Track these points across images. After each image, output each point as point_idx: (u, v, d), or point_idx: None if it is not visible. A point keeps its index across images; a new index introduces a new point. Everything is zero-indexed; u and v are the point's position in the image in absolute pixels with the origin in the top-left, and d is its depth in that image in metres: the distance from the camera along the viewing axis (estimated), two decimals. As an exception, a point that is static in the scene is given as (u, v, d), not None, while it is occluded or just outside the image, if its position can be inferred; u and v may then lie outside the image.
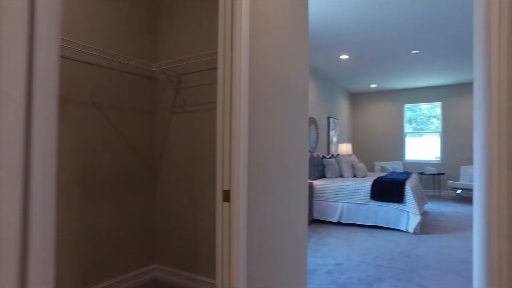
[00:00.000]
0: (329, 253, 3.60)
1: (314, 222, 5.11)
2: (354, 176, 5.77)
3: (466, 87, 7.61)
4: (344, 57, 5.53)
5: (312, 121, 6.13)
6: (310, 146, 6.02)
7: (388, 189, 4.60)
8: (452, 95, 7.72)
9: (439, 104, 7.90)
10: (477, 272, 1.49)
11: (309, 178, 5.36)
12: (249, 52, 1.64)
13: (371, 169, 8.43)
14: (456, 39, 4.64)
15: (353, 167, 5.85)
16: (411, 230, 4.33)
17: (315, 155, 6.16)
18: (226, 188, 1.51)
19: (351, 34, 4.44)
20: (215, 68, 2.49)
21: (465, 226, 4.76)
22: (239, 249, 1.51)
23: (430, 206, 6.40)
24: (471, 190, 6.71)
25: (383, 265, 3.22)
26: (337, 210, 4.92)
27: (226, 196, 1.51)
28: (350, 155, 7.14)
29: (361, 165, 5.84)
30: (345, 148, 7.10)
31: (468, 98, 7.59)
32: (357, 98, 8.80)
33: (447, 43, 4.81)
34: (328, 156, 6.07)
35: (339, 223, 4.99)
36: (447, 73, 6.65)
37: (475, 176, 1.53)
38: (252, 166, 1.64)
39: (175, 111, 2.71)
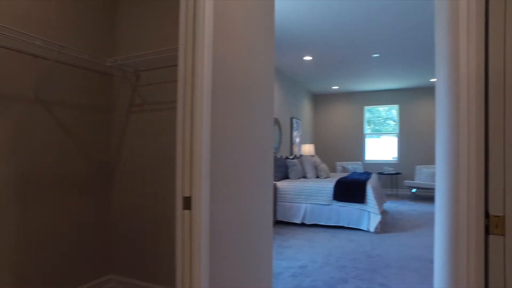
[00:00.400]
0: (293, 255, 3.57)
1: (278, 223, 5.08)
2: (317, 177, 5.82)
3: (421, 91, 8.00)
4: (307, 58, 5.56)
5: (276, 121, 6.11)
6: (274, 147, 6.00)
7: (350, 190, 4.67)
8: (409, 98, 8.09)
9: (396, 106, 8.24)
10: (440, 271, 1.49)
11: (274, 179, 5.32)
12: (213, 49, 1.53)
13: (333, 169, 8.61)
14: (414, 46, 4.83)
15: (316, 167, 5.91)
16: (372, 229, 4.43)
17: (278, 155, 6.15)
18: (187, 194, 1.38)
19: (315, 36, 4.46)
20: (177, 65, 2.34)
21: (421, 224, 4.97)
22: (201, 258, 1.39)
23: (389, 205, 6.64)
24: (425, 189, 7.05)
25: (347, 265, 3.24)
26: (300, 211, 4.92)
27: (187, 203, 1.38)
28: (312, 155, 7.22)
29: (323, 166, 5.91)
30: (307, 149, 7.17)
31: (423, 102, 7.98)
32: (319, 99, 8.95)
33: (405, 49, 5.00)
34: (291, 157, 6.08)
35: (302, 224, 5.00)
36: (404, 77, 6.94)
37: (439, 175, 1.53)
38: (215, 170, 1.53)
39: (133, 110, 2.52)
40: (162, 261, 2.37)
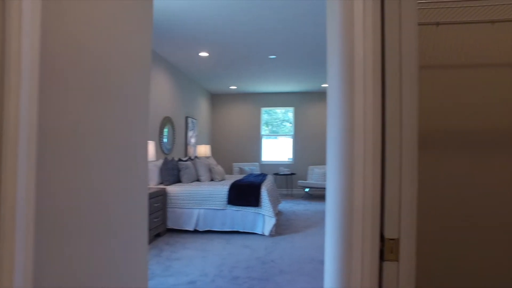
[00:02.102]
0: (182, 269, 3.20)
1: (168, 232, 4.62)
2: (212, 180, 5.55)
3: (314, 95, 8.47)
4: (204, 54, 5.24)
5: (168, 120, 5.62)
6: (166, 148, 5.50)
7: (245, 194, 4.52)
8: (303, 101, 8.50)
9: (292, 109, 8.57)
10: (332, 273, 1.35)
11: (163, 183, 4.84)
12: (44, 19, 1.07)
13: (230, 170, 8.49)
14: (309, 50, 4.95)
15: (210, 170, 5.63)
16: (267, 233, 4.36)
17: (170, 158, 5.67)
18: None
19: (211, 31, 4.17)
20: None
21: (313, 223, 5.15)
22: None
23: (284, 205, 6.79)
24: (317, 188, 7.48)
25: (240, 276, 3.03)
26: (193, 217, 4.57)
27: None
28: (208, 157, 6.94)
29: (218, 168, 5.67)
30: (203, 150, 6.85)
31: (316, 105, 8.47)
32: (217, 99, 8.73)
33: (301, 53, 5.10)
34: (184, 159, 5.67)
35: (195, 231, 4.65)
36: (299, 81, 7.21)
37: (331, 175, 1.39)
38: (48, 188, 1.08)
39: None
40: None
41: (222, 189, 4.62)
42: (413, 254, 0.89)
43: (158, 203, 4.26)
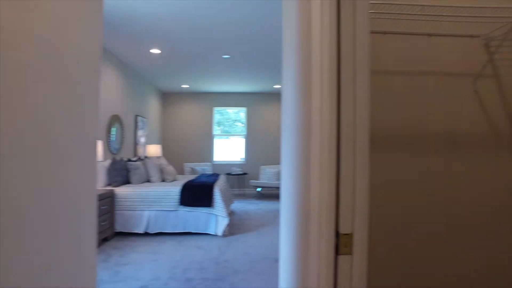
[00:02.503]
0: (132, 274, 3.07)
1: (116, 235, 4.41)
2: (163, 181, 5.40)
3: (267, 96, 8.59)
4: (155, 51, 5.07)
5: (116, 119, 5.36)
6: (114, 147, 5.23)
7: (197, 194, 4.47)
8: (256, 102, 8.58)
9: (244, 109, 8.61)
10: (289, 269, 1.39)
11: (111, 184, 4.60)
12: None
13: (181, 171, 8.31)
14: (262, 51, 5.02)
15: (161, 170, 5.47)
16: (220, 233, 4.35)
17: (118, 158, 5.41)
18: None
19: (164, 27, 4.05)
20: None
21: (265, 222, 5.23)
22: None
23: (236, 205, 6.82)
24: (269, 187, 7.61)
25: (194, 278, 2.99)
26: (143, 220, 4.40)
27: None
28: (159, 157, 6.73)
29: (170, 168, 5.54)
30: (154, 150, 6.63)
31: (269, 106, 8.59)
32: (168, 97, 8.49)
33: (254, 54, 5.16)
34: (134, 159, 5.45)
35: (146, 234, 4.49)
36: (253, 82, 7.27)
37: (287, 174, 1.44)
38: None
39: None
40: None
41: (174, 189, 4.52)
42: (365, 247, 0.96)
43: (106, 205, 4.05)
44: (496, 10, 1.60)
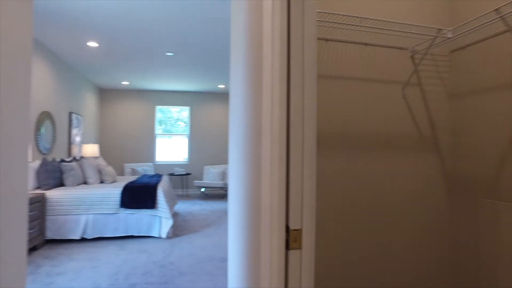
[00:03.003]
0: (67, 284, 2.86)
1: (48, 243, 4.06)
2: (102, 182, 5.09)
3: (211, 96, 8.53)
4: (92, 44, 4.75)
5: (47, 116, 4.92)
6: (44, 147, 4.80)
7: (140, 195, 4.30)
8: (199, 101, 8.47)
9: (187, 108, 8.46)
10: (240, 265, 1.42)
11: (41, 187, 4.22)
12: None
13: (121, 172, 7.90)
14: (207, 51, 4.98)
15: (100, 171, 5.16)
16: (164, 235, 4.23)
17: (50, 158, 4.98)
18: None
19: (104, 18, 3.82)
20: None
21: (210, 223, 5.21)
22: None
23: (180, 206, 6.68)
24: (213, 188, 7.57)
25: (137, 283, 2.88)
26: (80, 225, 4.12)
27: None
28: (96, 157, 6.33)
29: (109, 169, 5.24)
30: (91, 150, 6.22)
31: (213, 106, 8.54)
32: (107, 94, 8.01)
33: (199, 52, 5.09)
34: (68, 160, 5.06)
35: (82, 240, 4.20)
36: (197, 81, 7.17)
37: (236, 174, 1.47)
38: None
39: None
40: None
41: (114, 191, 4.29)
42: (313, 241, 1.03)
43: (35, 210, 3.70)
44: (420, 28, 1.81)
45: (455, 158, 1.88)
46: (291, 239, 1.00)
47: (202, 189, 8.10)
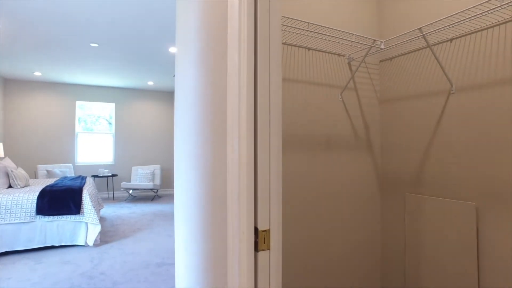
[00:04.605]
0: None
1: None
2: (10, 187, 4.45)
3: (140, 92, 8.02)
4: (-3, 28, 4.10)
5: None
6: None
7: (62, 200, 3.86)
8: (126, 98, 7.92)
9: (112, 105, 7.84)
10: (197, 271, 1.37)
11: None
12: None
13: (34, 174, 7.00)
14: (136, 46, 4.66)
15: (7, 174, 4.49)
16: (91, 243, 3.86)
17: None
18: None
19: (12, -1, 3.31)
20: None
21: (142, 226, 4.91)
22: None
23: (106, 209, 6.17)
24: (143, 189, 7.16)
25: (61, 299, 2.58)
26: (-16, 238, 3.53)
27: None
28: (1, 158, 5.51)
29: (20, 172, 4.60)
30: (-4, 150, 5.38)
31: (141, 103, 8.04)
32: (13, 86, 6.96)
33: (127, 47, 4.75)
34: (-32, 162, 4.30)
35: (-13, 255, 3.61)
36: (124, 76, 6.67)
37: (189, 175, 1.41)
38: None
39: None
40: None
41: (27, 197, 3.78)
42: (280, 241, 1.03)
43: None
44: (358, 37, 1.96)
45: (385, 157, 2.09)
46: (260, 240, 0.99)
47: (130, 191, 7.61)
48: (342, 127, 1.97)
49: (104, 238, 4.24)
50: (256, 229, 1.00)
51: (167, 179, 8.33)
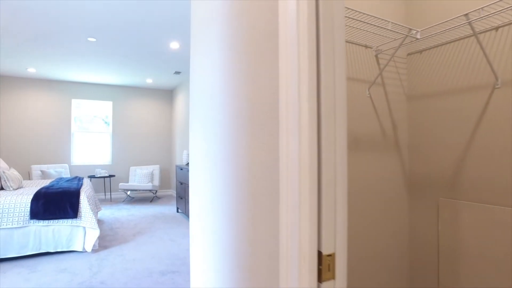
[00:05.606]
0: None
1: None
2: (2, 189, 4.18)
3: (139, 91, 7.76)
4: (-12, 19, 3.83)
5: None
6: None
7: (58, 203, 3.61)
8: (125, 96, 7.64)
9: (110, 103, 7.57)
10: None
11: None
12: None
13: (28, 175, 6.71)
14: (136, 41, 4.41)
15: (0, 176, 4.22)
16: (89, 249, 3.62)
17: None
18: None
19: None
20: None
21: (142, 230, 4.67)
22: None
23: (104, 212, 5.91)
24: (141, 190, 6.91)
25: (59, 314, 2.34)
26: (-26, 244, 3.27)
27: None
28: (-5, 158, 5.23)
29: (13, 173, 4.33)
30: (-13, 149, 5.10)
31: (140, 101, 7.78)
32: (5, 83, 6.65)
33: (127, 42, 4.50)
34: (-44, 162, 4.02)
35: (-23, 263, 3.35)
36: (123, 73, 6.41)
37: (215, 181, 1.20)
38: None
39: None
40: None
41: (20, 200, 3.52)
42: (346, 268, 0.81)
43: None
44: (395, 26, 1.75)
45: (414, 159, 1.90)
46: (323, 267, 0.77)
47: (128, 192, 7.35)
48: (370, 124, 1.78)
49: (103, 243, 3.99)
50: (319, 253, 0.78)
51: (166, 180, 8.07)
